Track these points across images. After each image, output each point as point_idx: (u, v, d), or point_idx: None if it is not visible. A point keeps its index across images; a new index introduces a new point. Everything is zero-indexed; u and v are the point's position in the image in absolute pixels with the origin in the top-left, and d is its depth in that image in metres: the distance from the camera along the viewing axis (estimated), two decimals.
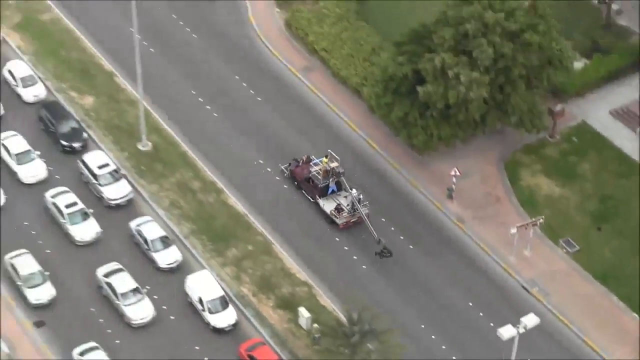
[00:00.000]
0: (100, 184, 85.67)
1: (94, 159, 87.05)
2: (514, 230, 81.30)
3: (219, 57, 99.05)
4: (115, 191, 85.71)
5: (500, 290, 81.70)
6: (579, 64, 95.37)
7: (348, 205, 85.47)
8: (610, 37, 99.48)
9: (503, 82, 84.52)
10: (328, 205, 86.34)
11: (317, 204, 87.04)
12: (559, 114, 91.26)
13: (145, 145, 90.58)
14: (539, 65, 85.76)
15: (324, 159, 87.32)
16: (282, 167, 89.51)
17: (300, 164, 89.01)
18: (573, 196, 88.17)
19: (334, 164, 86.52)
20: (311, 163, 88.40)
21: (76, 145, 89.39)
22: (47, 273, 78.53)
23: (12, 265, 78.53)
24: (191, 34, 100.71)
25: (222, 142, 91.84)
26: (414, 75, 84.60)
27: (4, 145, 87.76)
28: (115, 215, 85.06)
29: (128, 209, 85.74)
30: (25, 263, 78.55)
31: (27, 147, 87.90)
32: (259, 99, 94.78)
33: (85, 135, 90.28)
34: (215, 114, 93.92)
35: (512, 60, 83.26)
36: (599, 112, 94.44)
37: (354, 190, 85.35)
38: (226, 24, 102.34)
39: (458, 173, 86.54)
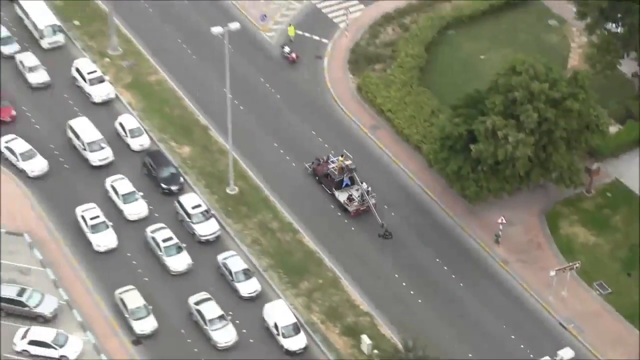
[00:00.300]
0: (193, 222, 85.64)
1: (189, 200, 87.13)
2: (553, 273, 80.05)
3: (298, 114, 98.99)
4: (206, 228, 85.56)
5: (540, 326, 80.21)
6: (613, 129, 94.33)
7: (359, 196, 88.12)
8: None
9: (546, 143, 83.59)
10: (342, 196, 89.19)
11: (334, 195, 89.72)
12: (595, 172, 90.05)
13: (232, 190, 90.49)
14: (578, 129, 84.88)
15: (340, 158, 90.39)
16: (306, 164, 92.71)
17: (321, 162, 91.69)
18: (606, 244, 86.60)
19: (348, 162, 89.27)
20: (329, 161, 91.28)
21: (174, 188, 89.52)
22: (150, 307, 78.41)
23: (122, 300, 78.51)
24: (275, 95, 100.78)
25: (299, 188, 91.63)
26: (467, 135, 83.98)
27: (112, 186, 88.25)
28: (204, 249, 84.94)
29: (216, 244, 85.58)
30: (132, 298, 78.46)
31: (132, 188, 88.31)
32: (332, 152, 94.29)
33: (181, 179, 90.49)
34: (294, 164, 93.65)
35: (554, 124, 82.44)
36: (630, 171, 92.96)
37: (364, 184, 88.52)
38: (306, 85, 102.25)
39: (504, 221, 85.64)
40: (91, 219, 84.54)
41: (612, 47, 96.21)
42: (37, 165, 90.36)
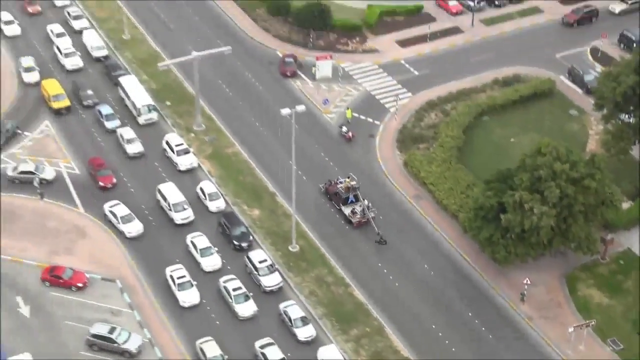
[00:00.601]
0: (259, 275, 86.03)
1: (256, 255, 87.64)
2: (571, 330, 79.15)
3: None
4: (270, 280, 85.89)
5: None
6: (625, 205, 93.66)
7: (361, 210, 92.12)
8: None
9: (566, 215, 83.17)
10: (347, 210, 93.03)
11: (341, 210, 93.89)
12: (609, 242, 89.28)
13: (294, 248, 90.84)
14: (595, 204, 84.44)
15: (347, 179, 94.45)
16: (320, 185, 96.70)
17: (332, 184, 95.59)
18: (619, 306, 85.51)
19: (353, 183, 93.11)
20: (337, 182, 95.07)
21: (244, 245, 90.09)
22: (226, 356, 78.59)
23: (201, 349, 78.85)
24: (333, 167, 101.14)
25: (351, 247, 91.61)
26: (498, 206, 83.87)
27: (192, 242, 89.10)
28: (268, 298, 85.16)
29: (278, 294, 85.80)
30: (210, 348, 78.68)
31: (209, 244, 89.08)
32: (381, 217, 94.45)
33: (251, 238, 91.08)
34: (347, 227, 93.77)
35: (574, 199, 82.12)
36: None
37: (365, 201, 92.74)
38: (360, 160, 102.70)
39: (529, 282, 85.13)
40: (178, 278, 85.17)
41: (625, 135, 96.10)
42: (134, 228, 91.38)
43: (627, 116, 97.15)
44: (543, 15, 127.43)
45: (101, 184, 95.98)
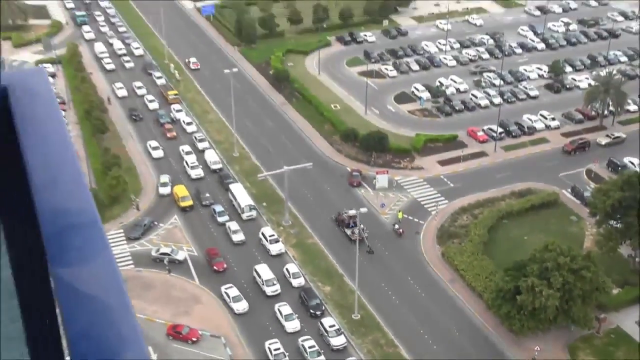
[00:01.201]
0: (329, 336, 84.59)
1: (327, 321, 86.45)
2: None
3: (402, 269, 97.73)
4: (338, 341, 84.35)
5: None
6: (615, 291, 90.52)
7: (358, 232, 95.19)
8: (635, 276, 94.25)
9: (567, 298, 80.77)
10: (348, 231, 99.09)
11: (345, 232, 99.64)
12: (603, 320, 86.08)
13: (356, 316, 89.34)
14: (590, 290, 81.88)
15: (350, 211, 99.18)
16: (331, 216, 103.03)
17: (341, 214, 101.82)
18: None
19: (352, 213, 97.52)
20: (343, 213, 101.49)
21: (318, 313, 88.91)
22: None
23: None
24: (389, 258, 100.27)
25: (401, 315, 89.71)
26: (514, 289, 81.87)
27: (279, 310, 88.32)
28: (336, 356, 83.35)
29: (343, 352, 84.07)
30: None
31: (291, 311, 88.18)
32: (423, 294, 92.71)
33: (323, 307, 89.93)
34: (397, 301, 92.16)
35: (573, 285, 79.92)
36: (627, 321, 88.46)
37: (362, 226, 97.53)
38: (408, 251, 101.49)
39: (539, 349, 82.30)
40: (275, 349, 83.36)
41: (614, 237, 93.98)
42: (242, 306, 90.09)
43: (615, 222, 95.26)
44: (549, 145, 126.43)
45: (215, 268, 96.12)
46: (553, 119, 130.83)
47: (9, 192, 4.03)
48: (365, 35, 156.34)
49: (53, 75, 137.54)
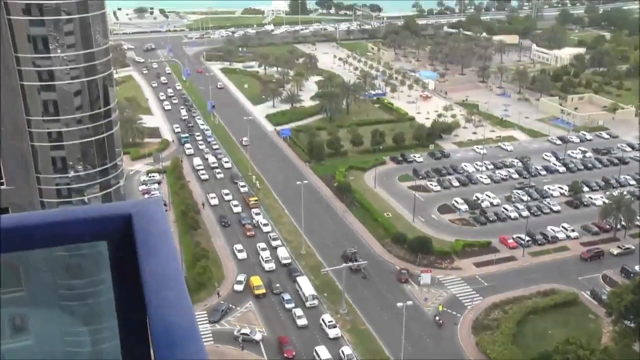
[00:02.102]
0: None
1: None
2: None
3: (442, 356, 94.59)
4: None
5: None
6: None
7: (356, 264, 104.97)
8: None
9: None
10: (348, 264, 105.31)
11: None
12: None
13: None
14: None
15: (353, 249, 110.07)
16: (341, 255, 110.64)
17: (346, 252, 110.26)
18: None
19: (353, 250, 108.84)
20: (348, 251, 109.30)
21: None
22: None
23: None
24: (429, 343, 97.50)
25: None
26: None
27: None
28: None
29: None
30: None
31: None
32: None
33: None
34: None
35: None
36: None
37: (360, 259, 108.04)
38: (446, 339, 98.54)
39: None
40: None
41: (628, 334, 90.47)
42: None
43: (628, 322, 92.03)
44: (569, 252, 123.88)
45: (286, 355, 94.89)
46: (573, 230, 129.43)
47: (126, 305, 4.07)
48: (415, 156, 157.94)
49: (159, 182, 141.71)
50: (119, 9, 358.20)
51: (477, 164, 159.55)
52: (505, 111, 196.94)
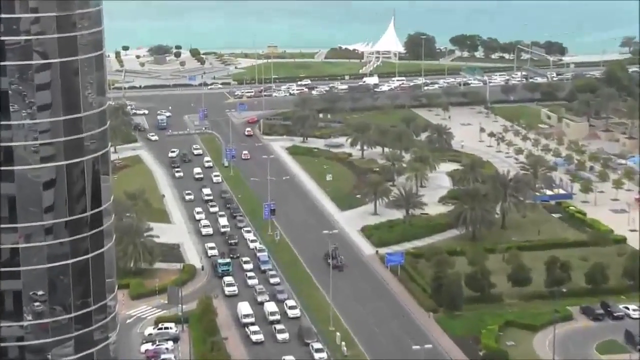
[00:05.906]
0: None
1: None
2: None
3: None
4: None
5: None
6: None
7: (337, 259, 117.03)
8: None
9: None
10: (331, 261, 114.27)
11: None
12: None
13: None
14: None
15: (333, 245, 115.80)
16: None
17: (330, 250, 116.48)
18: None
19: (333, 247, 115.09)
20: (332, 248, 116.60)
21: None
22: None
23: None
24: None
25: None
26: None
27: None
28: None
29: None
30: None
31: None
32: None
33: None
34: None
35: None
36: None
37: (341, 257, 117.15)
38: None
39: None
40: None
41: None
42: None
43: None
44: None
45: None
46: None
47: None
48: (627, 308, 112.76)
49: (176, 340, 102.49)
50: (126, 47, 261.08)
51: None
52: None
